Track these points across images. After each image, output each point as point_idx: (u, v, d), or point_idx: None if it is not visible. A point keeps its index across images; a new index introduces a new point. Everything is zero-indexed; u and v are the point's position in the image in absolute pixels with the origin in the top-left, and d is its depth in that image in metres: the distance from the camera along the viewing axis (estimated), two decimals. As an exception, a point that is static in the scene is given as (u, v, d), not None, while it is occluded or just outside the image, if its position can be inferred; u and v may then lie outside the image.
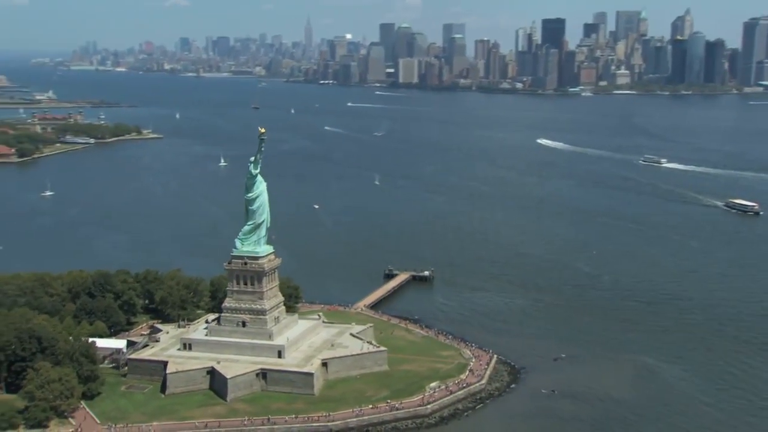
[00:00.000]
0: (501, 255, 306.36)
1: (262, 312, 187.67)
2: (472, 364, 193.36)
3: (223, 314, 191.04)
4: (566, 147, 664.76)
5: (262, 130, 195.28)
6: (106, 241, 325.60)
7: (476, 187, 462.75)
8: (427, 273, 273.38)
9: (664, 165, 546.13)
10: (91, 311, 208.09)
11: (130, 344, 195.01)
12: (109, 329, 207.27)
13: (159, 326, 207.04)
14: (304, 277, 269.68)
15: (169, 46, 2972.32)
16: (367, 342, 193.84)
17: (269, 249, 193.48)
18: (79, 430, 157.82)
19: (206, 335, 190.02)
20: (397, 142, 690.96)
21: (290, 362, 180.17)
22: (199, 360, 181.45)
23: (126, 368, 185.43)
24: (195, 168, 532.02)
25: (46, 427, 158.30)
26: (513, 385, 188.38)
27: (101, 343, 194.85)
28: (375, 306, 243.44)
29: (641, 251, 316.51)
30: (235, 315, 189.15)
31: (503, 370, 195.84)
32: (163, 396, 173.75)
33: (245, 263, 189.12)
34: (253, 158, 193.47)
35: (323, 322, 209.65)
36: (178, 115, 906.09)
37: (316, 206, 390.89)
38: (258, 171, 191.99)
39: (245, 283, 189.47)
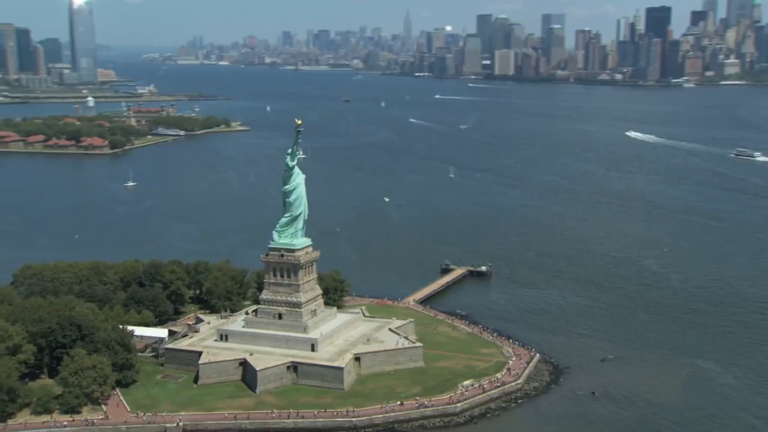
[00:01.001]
0: (566, 251, 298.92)
1: (298, 305, 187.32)
2: (511, 362, 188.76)
3: (260, 306, 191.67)
4: (657, 140, 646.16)
5: (299, 122, 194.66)
6: (175, 231, 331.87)
7: (554, 181, 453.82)
8: (484, 268, 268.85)
9: (758, 158, 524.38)
10: (140, 300, 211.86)
11: (171, 334, 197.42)
12: (156, 318, 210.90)
13: (202, 317, 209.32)
14: (361, 270, 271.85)
15: (272, 39, 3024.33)
16: (404, 337, 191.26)
17: (306, 241, 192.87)
18: (108, 416, 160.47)
19: (243, 327, 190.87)
20: (481, 135, 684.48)
21: (322, 356, 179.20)
22: (233, 351, 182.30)
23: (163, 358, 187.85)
24: (274, 160, 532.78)
25: (79, 412, 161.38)
26: (552, 386, 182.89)
27: (144, 332, 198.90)
28: (426, 301, 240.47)
29: (717, 250, 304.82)
30: (271, 307, 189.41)
31: (545, 369, 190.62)
32: (195, 386, 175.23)
33: (282, 255, 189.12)
34: (290, 150, 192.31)
35: (364, 316, 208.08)
36: (269, 108, 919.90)
37: (387, 199, 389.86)
38: (295, 163, 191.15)
39: (282, 276, 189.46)
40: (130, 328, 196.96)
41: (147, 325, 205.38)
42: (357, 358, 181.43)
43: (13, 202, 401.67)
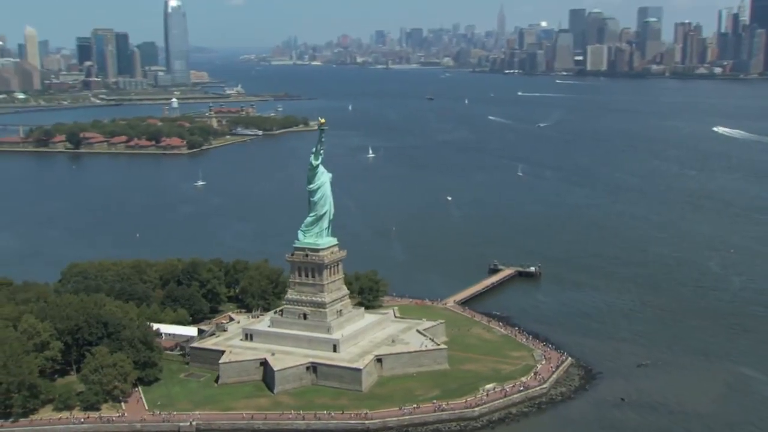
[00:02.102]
0: (623, 252, 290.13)
1: (322, 305, 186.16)
2: (539, 366, 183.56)
3: (285, 306, 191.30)
4: (746, 135, 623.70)
5: (322, 121, 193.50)
6: (232, 230, 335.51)
7: (626, 179, 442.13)
8: (533, 269, 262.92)
9: None
10: (176, 299, 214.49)
11: (201, 333, 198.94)
12: (191, 317, 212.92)
13: (234, 316, 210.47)
14: (408, 270, 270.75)
15: (365, 39, 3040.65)
16: (430, 339, 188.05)
17: (332, 241, 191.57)
18: (125, 414, 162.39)
19: (269, 326, 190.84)
20: (560, 133, 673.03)
21: (343, 357, 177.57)
22: (256, 351, 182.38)
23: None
24: (345, 159, 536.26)
25: (98, 409, 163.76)
26: (581, 391, 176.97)
27: (174, 330, 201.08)
28: (467, 302, 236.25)
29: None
30: (296, 307, 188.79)
31: (576, 374, 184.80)
32: (216, 385, 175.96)
33: (306, 255, 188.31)
34: (314, 149, 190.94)
35: (395, 316, 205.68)
36: (350, 107, 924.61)
37: (449, 198, 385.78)
38: (319, 162, 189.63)
39: (306, 275, 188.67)
40: (158, 326, 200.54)
41: (181, 323, 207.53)
42: (379, 360, 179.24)
43: (88, 201, 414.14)
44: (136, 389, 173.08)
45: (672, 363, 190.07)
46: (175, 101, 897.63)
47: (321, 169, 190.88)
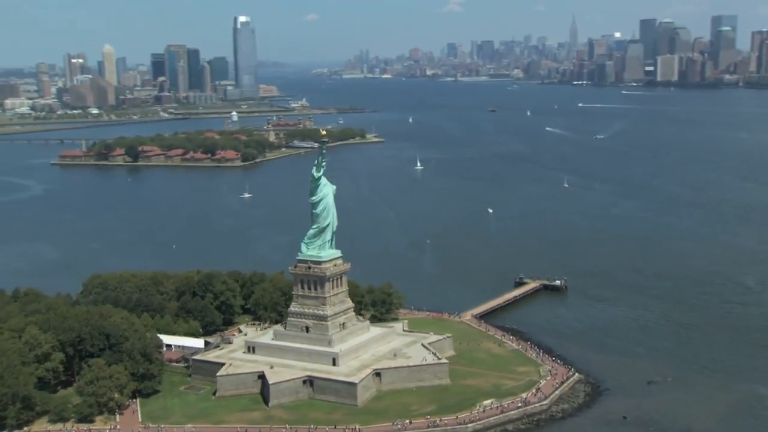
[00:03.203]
0: (659, 266, 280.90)
1: (324, 318, 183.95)
2: (543, 382, 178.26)
3: (288, 319, 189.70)
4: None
5: (323, 133, 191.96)
6: (268, 242, 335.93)
7: (678, 192, 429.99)
8: (558, 282, 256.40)
9: None
10: (189, 310, 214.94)
11: (207, 345, 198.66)
12: (203, 329, 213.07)
13: (243, 328, 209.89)
14: (435, 282, 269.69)
15: (436, 51, 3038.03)
16: (432, 353, 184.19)
17: (334, 253, 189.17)
18: (118, 426, 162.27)
19: (272, 339, 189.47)
20: (618, 144, 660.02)
21: (341, 371, 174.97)
22: (255, 364, 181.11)
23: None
24: (394, 171, 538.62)
25: (92, 422, 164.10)
26: (584, 408, 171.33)
27: (181, 342, 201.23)
28: (487, 315, 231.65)
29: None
30: (299, 320, 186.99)
31: (581, 390, 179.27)
32: (213, 398, 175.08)
33: (309, 267, 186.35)
34: (315, 161, 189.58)
35: (403, 330, 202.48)
36: (411, 119, 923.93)
37: (490, 210, 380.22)
38: (321, 174, 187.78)
39: (309, 288, 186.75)
40: (166, 338, 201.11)
41: (193, 335, 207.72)
42: (377, 374, 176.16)
43: (136, 213, 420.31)
44: (134, 401, 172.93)
45: (684, 380, 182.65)
46: (234, 115, 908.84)
47: (323, 181, 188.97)
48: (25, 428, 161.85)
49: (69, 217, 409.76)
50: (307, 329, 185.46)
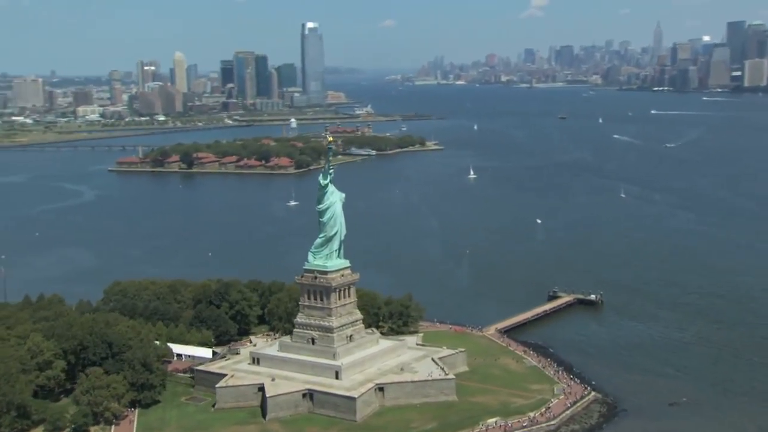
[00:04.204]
0: (706, 280, 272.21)
1: (330, 329, 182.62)
2: (555, 400, 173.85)
3: (295, 330, 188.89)
4: None
5: (330, 139, 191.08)
6: (303, 251, 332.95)
7: (743, 204, 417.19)
8: (593, 297, 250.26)
9: None
10: (203, 320, 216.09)
11: (215, 355, 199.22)
12: (217, 338, 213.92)
13: (254, 338, 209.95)
14: (466, 293, 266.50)
15: (513, 57, 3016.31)
16: (440, 368, 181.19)
17: (342, 263, 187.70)
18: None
19: (278, 350, 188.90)
20: (688, 153, 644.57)
21: (342, 384, 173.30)
22: (258, 376, 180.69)
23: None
24: (447, 179, 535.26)
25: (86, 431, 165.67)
26: (597, 429, 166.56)
27: (190, 351, 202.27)
28: (513, 329, 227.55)
29: None
30: (305, 331, 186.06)
31: (596, 410, 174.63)
32: (212, 410, 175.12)
33: (315, 277, 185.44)
34: (323, 168, 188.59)
35: (416, 343, 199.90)
36: (476, 127, 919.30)
37: (539, 221, 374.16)
38: (327, 181, 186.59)
39: (315, 299, 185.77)
40: (176, 347, 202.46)
41: (206, 345, 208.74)
42: (380, 389, 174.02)
43: (180, 220, 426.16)
44: (133, 411, 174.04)
45: (709, 403, 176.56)
46: (293, 121, 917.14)
47: (331, 188, 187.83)
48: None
49: (113, 224, 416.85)
50: (313, 341, 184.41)
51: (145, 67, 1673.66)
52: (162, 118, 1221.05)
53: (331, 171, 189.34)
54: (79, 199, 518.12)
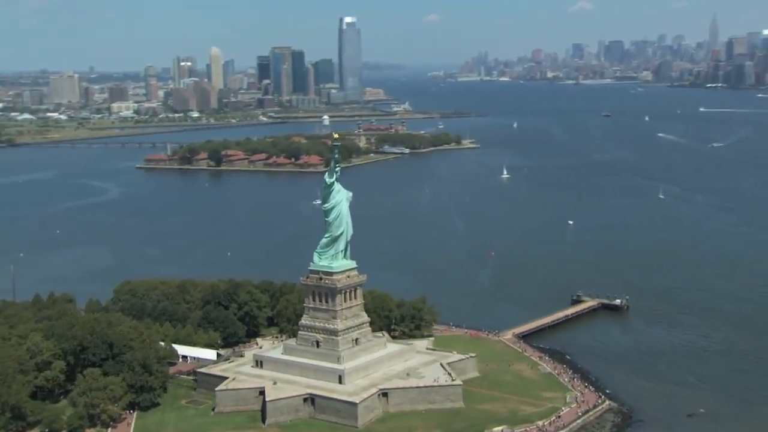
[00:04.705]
0: (738, 287, 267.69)
1: (335, 332, 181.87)
2: (566, 409, 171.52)
3: (299, 332, 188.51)
4: None
5: (336, 136, 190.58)
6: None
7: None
8: (618, 302, 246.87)
9: None
10: (211, 321, 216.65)
11: (219, 357, 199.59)
12: (224, 340, 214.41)
13: (260, 341, 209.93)
14: (486, 297, 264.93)
15: (561, 53, 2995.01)
16: (448, 374, 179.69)
17: (348, 264, 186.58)
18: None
19: (282, 353, 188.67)
20: (735, 153, 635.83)
21: (345, 389, 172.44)
22: (260, 379, 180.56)
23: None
24: (479, 179, 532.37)
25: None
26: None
27: (194, 353, 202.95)
28: (531, 334, 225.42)
29: None
30: (309, 334, 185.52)
31: (610, 420, 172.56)
32: (212, 413, 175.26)
33: (320, 278, 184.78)
34: (329, 166, 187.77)
35: (426, 348, 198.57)
36: (515, 124, 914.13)
37: (570, 222, 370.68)
38: (333, 180, 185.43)
39: (320, 300, 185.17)
40: (181, 348, 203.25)
41: (212, 346, 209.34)
42: (384, 394, 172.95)
43: (203, 219, 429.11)
44: (131, 414, 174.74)
45: (729, 414, 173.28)
46: (326, 119, 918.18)
47: (337, 187, 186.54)
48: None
49: (134, 222, 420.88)
50: (318, 344, 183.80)
51: (182, 63, 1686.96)
52: (196, 114, 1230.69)
53: (337, 169, 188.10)
54: (104, 196, 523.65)
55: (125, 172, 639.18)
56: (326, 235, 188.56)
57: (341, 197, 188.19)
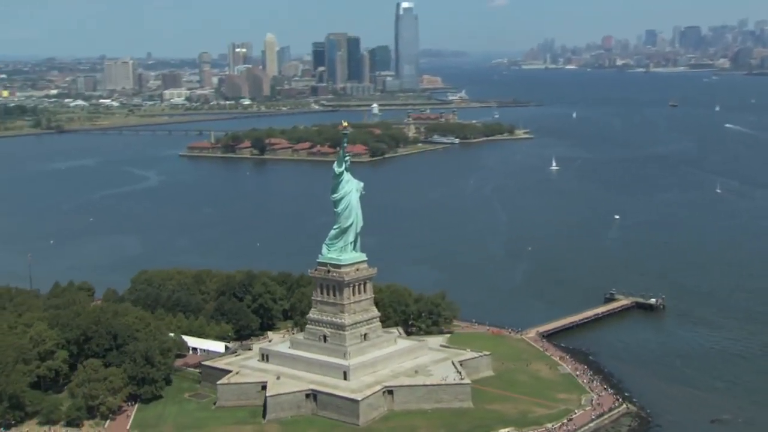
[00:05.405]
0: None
1: (342, 327, 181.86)
2: (580, 412, 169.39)
3: (307, 326, 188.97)
4: None
5: (345, 124, 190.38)
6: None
7: None
8: (654, 301, 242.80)
9: None
10: (225, 313, 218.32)
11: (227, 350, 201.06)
12: (238, 333, 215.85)
13: (271, 334, 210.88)
14: (516, 293, 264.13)
15: (632, 39, 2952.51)
16: (458, 372, 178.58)
17: (357, 257, 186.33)
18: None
19: (289, 347, 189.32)
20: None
21: (349, 386, 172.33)
22: (264, 373, 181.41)
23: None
24: (528, 171, 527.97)
25: (80, 426, 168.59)
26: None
27: (204, 345, 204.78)
28: (557, 333, 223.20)
29: None
30: (317, 328, 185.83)
31: (626, 424, 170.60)
32: (213, 407, 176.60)
33: (328, 271, 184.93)
34: (338, 155, 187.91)
35: (440, 345, 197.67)
36: (575, 114, 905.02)
37: (617, 217, 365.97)
38: (343, 169, 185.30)
39: (328, 293, 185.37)
40: (191, 340, 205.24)
41: (224, 339, 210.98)
42: (389, 392, 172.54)
43: (238, 209, 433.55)
44: (132, 406, 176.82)
45: (757, 422, 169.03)
46: (375, 107, 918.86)
47: (346, 176, 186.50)
48: (13, 429, 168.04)
49: (169, 211, 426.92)
50: (325, 338, 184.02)
51: (237, 50, 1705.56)
52: (247, 102, 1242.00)
53: (346, 158, 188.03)
54: (144, 184, 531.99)
55: (168, 159, 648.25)
56: (335, 227, 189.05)
57: (351, 187, 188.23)
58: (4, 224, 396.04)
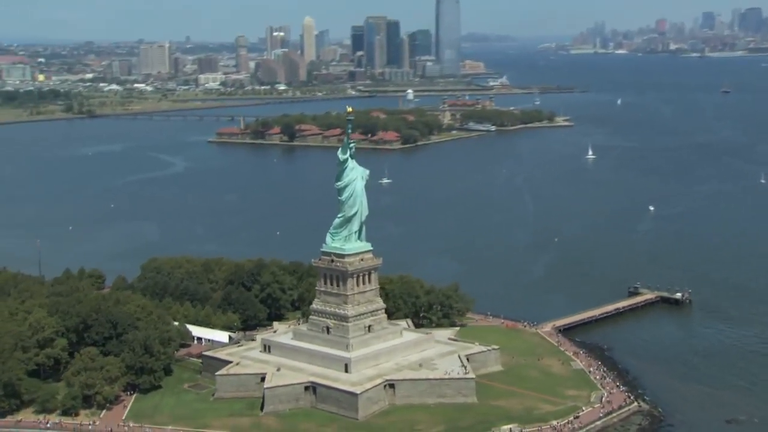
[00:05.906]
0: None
1: (345, 318, 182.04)
2: (588, 409, 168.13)
3: (310, 317, 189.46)
4: None
5: (350, 110, 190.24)
6: (381, 233, 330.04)
7: None
8: (679, 295, 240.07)
9: None
10: (232, 302, 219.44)
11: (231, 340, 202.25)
12: (245, 323, 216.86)
13: (276, 324, 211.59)
14: (537, 285, 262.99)
15: (689, 22, 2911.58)
16: (463, 366, 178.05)
17: (362, 246, 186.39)
18: (97, 423, 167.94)
19: (291, 338, 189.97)
20: None
21: (350, 378, 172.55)
22: (264, 364, 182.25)
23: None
24: (564, 159, 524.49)
25: (76, 415, 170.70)
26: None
27: (208, 335, 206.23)
28: (575, 327, 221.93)
29: None
30: (320, 319, 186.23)
31: (636, 423, 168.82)
32: (211, 399, 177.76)
33: (332, 261, 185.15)
34: (343, 142, 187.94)
35: (449, 338, 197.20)
36: (619, 101, 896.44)
37: (651, 208, 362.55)
38: (347, 156, 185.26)
39: (331, 284, 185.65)
40: (195, 330, 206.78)
41: (231, 329, 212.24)
42: (391, 385, 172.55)
43: (262, 196, 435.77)
44: (130, 395, 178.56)
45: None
46: (410, 93, 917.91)
47: (351, 164, 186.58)
48: (9, 417, 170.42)
49: (192, 198, 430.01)
50: (328, 329, 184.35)
51: (274, 34, 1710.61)
52: (282, 87, 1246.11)
53: (351, 145, 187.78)
54: (169, 170, 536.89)
55: (196, 145, 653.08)
56: (339, 215, 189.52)
57: (355, 175, 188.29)
58: (25, 210, 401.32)
